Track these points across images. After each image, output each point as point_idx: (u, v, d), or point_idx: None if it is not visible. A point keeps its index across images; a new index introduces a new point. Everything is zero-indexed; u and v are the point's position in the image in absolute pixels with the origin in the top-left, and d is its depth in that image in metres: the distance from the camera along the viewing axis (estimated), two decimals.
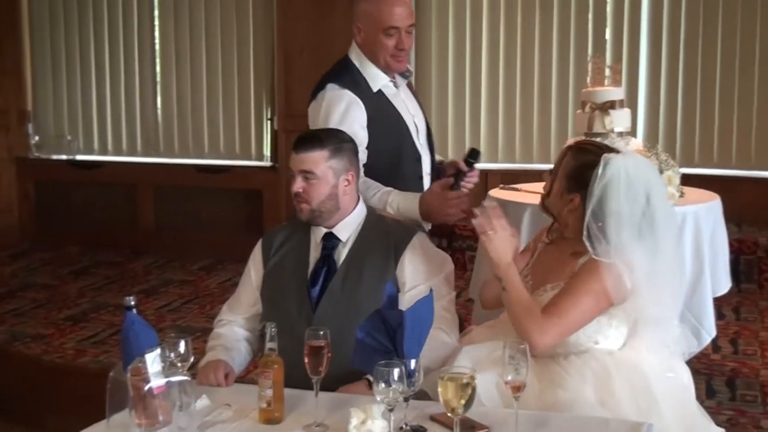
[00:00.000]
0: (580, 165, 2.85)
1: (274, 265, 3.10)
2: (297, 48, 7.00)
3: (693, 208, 4.26)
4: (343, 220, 3.05)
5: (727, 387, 4.46)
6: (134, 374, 2.39)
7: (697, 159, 6.76)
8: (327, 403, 2.59)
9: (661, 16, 6.79)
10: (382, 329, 2.50)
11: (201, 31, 7.60)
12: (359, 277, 2.99)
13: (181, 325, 5.43)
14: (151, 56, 7.82)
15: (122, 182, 7.84)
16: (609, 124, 4.53)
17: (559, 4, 6.95)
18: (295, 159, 2.99)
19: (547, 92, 7.02)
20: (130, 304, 2.57)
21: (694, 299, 4.18)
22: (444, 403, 2.33)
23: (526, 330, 2.74)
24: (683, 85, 6.78)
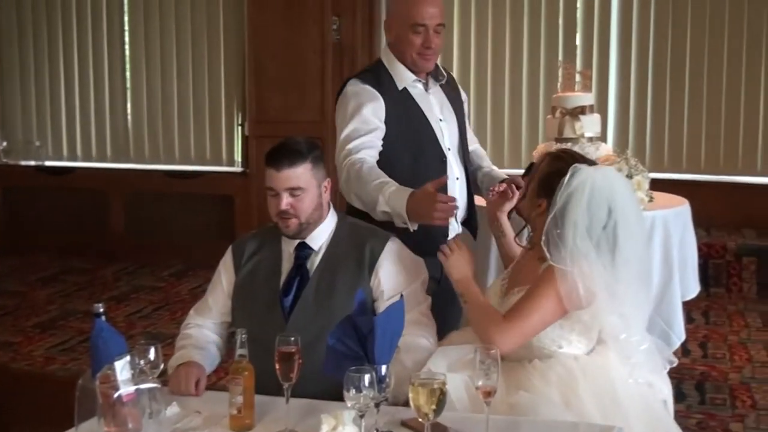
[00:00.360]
0: (551, 172, 2.88)
1: (246, 274, 3.08)
2: (268, 53, 6.99)
3: (662, 212, 4.29)
4: (317, 229, 3.03)
5: (696, 391, 4.50)
6: (103, 382, 2.37)
7: (667, 164, 6.81)
8: (298, 409, 2.58)
9: (630, 22, 6.84)
10: (353, 335, 2.49)
11: (171, 35, 7.58)
12: (332, 286, 2.97)
13: (152, 331, 5.41)
14: (121, 61, 7.79)
15: (92, 188, 7.79)
16: (579, 129, 4.55)
17: (529, 10, 6.99)
18: (279, 177, 2.91)
19: (517, 97, 7.06)
20: (98, 311, 2.55)
21: (664, 303, 4.21)
22: (415, 408, 2.33)
23: (487, 333, 2.78)
24: (652, 91, 6.83)
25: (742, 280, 6.16)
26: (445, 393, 2.33)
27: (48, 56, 7.93)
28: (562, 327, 2.82)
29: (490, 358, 2.41)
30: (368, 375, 2.31)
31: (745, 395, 4.45)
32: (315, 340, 2.70)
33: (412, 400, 2.32)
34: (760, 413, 4.24)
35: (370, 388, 2.31)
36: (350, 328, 2.50)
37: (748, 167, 6.74)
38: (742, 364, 4.88)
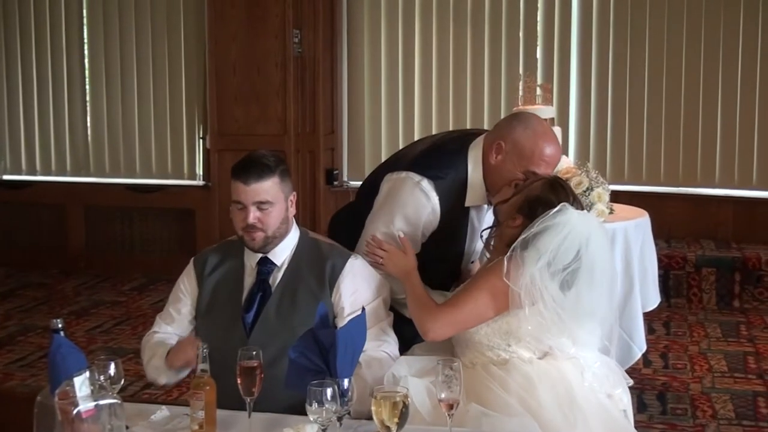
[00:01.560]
0: (540, 198, 2.91)
1: (209, 288, 3.06)
2: (229, 66, 6.97)
3: (622, 224, 4.33)
4: (280, 244, 3.02)
5: (658, 401, 4.53)
6: (62, 398, 2.34)
7: (627, 176, 6.87)
8: (260, 424, 2.57)
9: (590, 36, 6.91)
10: (314, 349, 2.49)
11: (132, 47, 7.54)
12: (294, 302, 2.96)
13: (113, 346, 5.35)
14: (80, 73, 7.73)
15: (51, 202, 7.72)
16: None
17: (490, 25, 7.03)
18: (246, 191, 2.89)
19: (479, 111, 7.09)
20: (57, 326, 2.52)
21: (625, 314, 4.25)
22: (378, 422, 2.33)
23: (420, 319, 2.92)
24: (612, 104, 6.90)
25: (702, 290, 6.22)
26: (408, 406, 2.33)
27: (6, 69, 7.86)
28: (509, 324, 2.86)
29: (452, 370, 2.41)
30: (330, 388, 2.30)
31: (705, 405, 4.48)
32: (277, 355, 2.70)
33: (375, 413, 2.32)
34: (720, 423, 4.28)
35: (333, 401, 2.31)
36: (312, 342, 2.50)
37: (706, 179, 6.81)
38: (703, 374, 4.92)
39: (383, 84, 7.27)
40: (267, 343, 2.79)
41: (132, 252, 7.52)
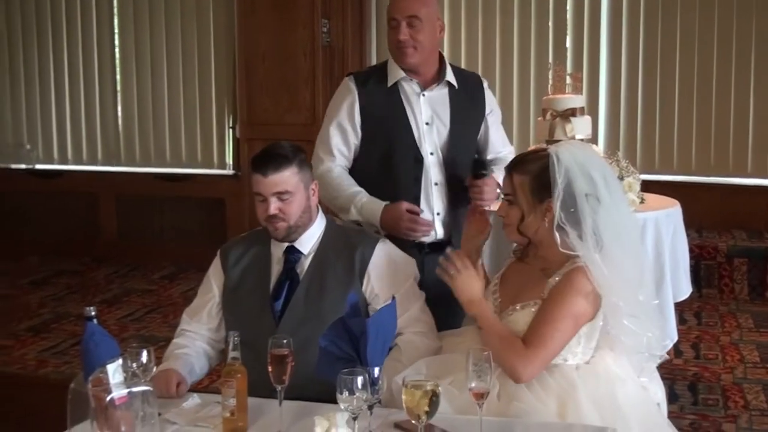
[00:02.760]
0: (537, 174, 2.80)
1: (236, 278, 3.08)
2: (258, 56, 6.99)
3: (653, 214, 4.30)
4: (305, 232, 3.03)
5: (689, 391, 4.51)
6: (95, 385, 2.36)
7: (657, 165, 6.82)
8: (291, 412, 2.58)
9: (620, 24, 6.86)
10: (345, 337, 2.50)
11: (162, 38, 7.57)
12: (322, 289, 2.98)
13: (144, 334, 5.40)
14: (111, 64, 7.78)
15: (83, 191, 7.78)
16: (570, 131, 4.55)
17: (519, 13, 7.00)
18: (265, 182, 2.92)
19: (508, 100, 7.06)
20: (90, 314, 2.54)
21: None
22: (408, 410, 2.33)
23: (511, 364, 2.69)
24: (643, 93, 6.85)
25: (733, 281, 6.18)
26: (439, 395, 2.33)
27: (38, 59, 7.92)
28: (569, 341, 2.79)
29: (483, 360, 2.41)
30: (361, 377, 2.31)
31: (737, 396, 4.46)
32: (306, 342, 2.70)
33: (405, 402, 2.33)
34: (752, 414, 4.25)
35: (363, 390, 2.31)
36: (342, 331, 2.51)
37: (738, 168, 6.75)
38: (735, 364, 4.89)
39: None
40: (296, 331, 2.80)
41: (162, 241, 7.57)
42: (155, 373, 2.68)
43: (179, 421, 2.61)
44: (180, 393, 2.80)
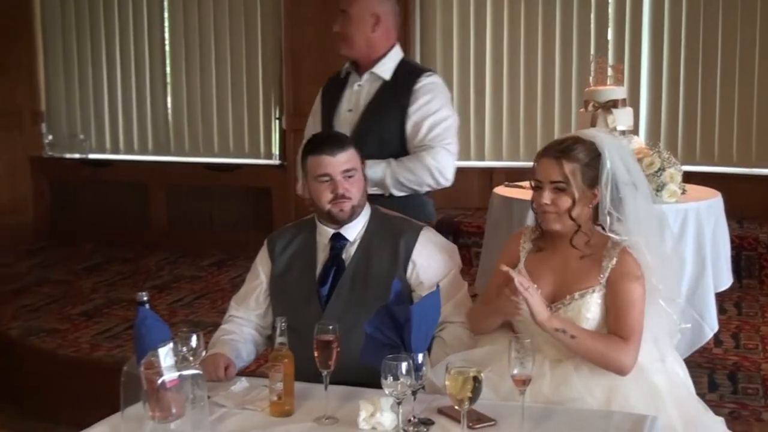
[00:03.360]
0: (587, 162, 2.78)
1: (283, 266, 3.10)
2: (304, 48, 7.00)
3: (695, 205, 4.25)
4: (353, 220, 3.04)
5: (729, 380, 4.45)
6: (147, 368, 2.39)
7: (699, 157, 6.75)
8: (336, 396, 2.60)
9: (662, 16, 6.78)
10: (389, 324, 2.50)
11: (210, 30, 7.61)
12: (367, 276, 2.99)
13: (193, 320, 5.43)
14: (161, 56, 7.83)
15: (134, 180, 7.85)
16: (612, 122, 4.52)
17: (561, 5, 6.94)
18: (334, 162, 2.94)
19: (550, 91, 7.02)
20: (142, 299, 2.57)
21: (697, 294, 4.18)
22: (451, 396, 2.33)
23: (616, 360, 2.70)
24: (684, 84, 6.78)
25: None
26: (481, 381, 2.33)
27: (91, 52, 8.00)
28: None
29: (524, 347, 2.41)
30: (405, 363, 2.32)
31: None
32: (351, 328, 2.71)
33: (449, 388, 2.33)
34: None
35: (408, 375, 2.32)
36: (387, 317, 2.51)
37: None
38: None
39: (455, 65, 7.23)
40: (341, 317, 2.82)
41: (211, 229, 7.62)
42: (204, 357, 2.71)
43: (228, 404, 2.63)
44: (228, 377, 2.83)
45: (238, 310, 3.14)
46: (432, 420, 2.48)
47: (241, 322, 3.11)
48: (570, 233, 2.81)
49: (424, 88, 3.63)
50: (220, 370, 2.81)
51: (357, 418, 2.45)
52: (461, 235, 6.28)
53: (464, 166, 7.19)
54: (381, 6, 3.64)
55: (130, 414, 2.46)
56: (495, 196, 4.58)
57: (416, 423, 2.44)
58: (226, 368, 2.84)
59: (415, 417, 2.45)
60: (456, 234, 6.29)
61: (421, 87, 3.62)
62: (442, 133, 3.60)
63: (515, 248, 2.96)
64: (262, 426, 2.50)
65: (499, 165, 7.06)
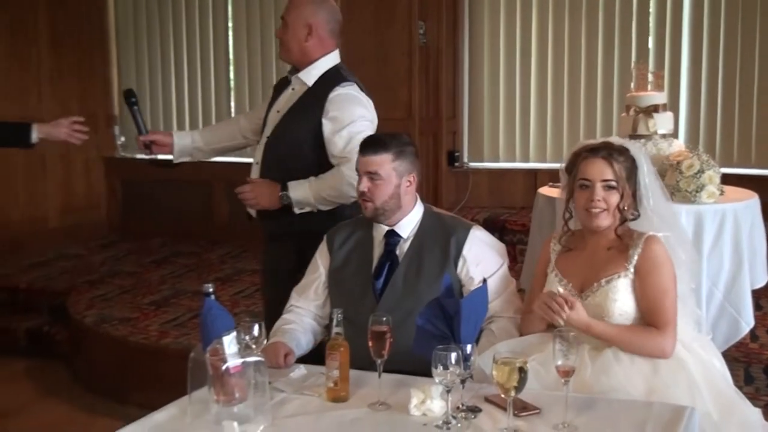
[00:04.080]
0: (629, 165, 2.87)
1: (340, 260, 3.11)
2: (360, 56, 6.99)
3: (732, 205, 4.19)
4: (404, 218, 3.05)
5: (764, 374, 4.37)
6: (213, 355, 2.41)
7: (736, 159, 6.64)
8: (389, 383, 2.60)
9: (701, 23, 6.69)
10: (440, 316, 2.50)
11: (270, 39, 7.64)
12: (419, 271, 2.99)
13: (254, 310, 5.46)
14: (225, 63, 7.89)
15: (198, 179, 7.89)
16: (652, 126, 4.47)
17: (604, 15, 6.88)
18: (362, 161, 2.99)
19: (592, 96, 6.96)
20: (208, 290, 2.59)
21: (734, 291, 4.13)
22: (497, 385, 2.33)
23: (653, 347, 2.73)
24: (722, 90, 6.67)
25: None
26: (527, 371, 2.32)
27: (160, 59, 8.09)
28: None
29: (567, 340, 2.39)
30: (455, 353, 2.31)
31: None
32: (403, 320, 2.72)
33: (495, 377, 2.32)
34: None
35: (457, 365, 2.32)
36: (438, 310, 2.51)
37: None
38: None
39: (502, 71, 7.19)
40: (395, 308, 2.83)
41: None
42: (266, 345, 2.72)
43: (287, 390, 2.65)
44: (288, 364, 2.84)
45: (299, 300, 3.16)
46: (479, 407, 2.47)
47: (301, 312, 3.13)
48: (606, 231, 2.86)
49: (337, 98, 3.48)
50: (281, 358, 2.83)
51: (408, 405, 2.45)
52: (506, 233, 6.24)
53: (510, 168, 7.21)
54: (314, 17, 3.56)
55: (197, 397, 2.48)
56: (540, 196, 4.54)
57: (464, 410, 2.43)
58: (286, 356, 2.85)
59: (464, 404, 2.44)
60: (501, 232, 6.25)
61: (335, 97, 3.48)
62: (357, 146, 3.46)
63: (547, 253, 3.03)
64: (319, 411, 2.51)
65: (543, 167, 7.00)
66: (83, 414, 4.75)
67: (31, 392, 5.10)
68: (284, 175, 3.49)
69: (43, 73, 7.30)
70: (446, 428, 2.36)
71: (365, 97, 3.58)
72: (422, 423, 2.39)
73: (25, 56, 7.06)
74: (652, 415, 2.41)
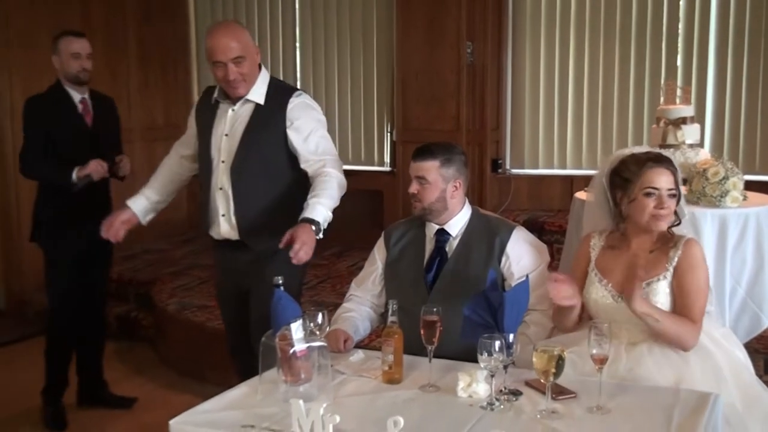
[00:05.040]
0: (676, 172, 2.85)
1: (396, 255, 3.12)
2: (413, 74, 7.01)
3: (755, 209, 4.10)
4: (453, 218, 3.05)
5: None
6: (281, 340, 2.43)
7: (758, 167, 6.49)
8: (438, 368, 2.60)
9: (726, 43, 6.55)
10: (485, 308, 2.49)
11: (334, 59, 7.68)
12: (467, 266, 2.99)
13: (317, 300, 5.48)
14: (292, 77, 7.91)
15: None
16: (681, 137, 4.40)
17: (636, 35, 6.78)
18: (413, 166, 3.02)
19: (624, 109, 6.86)
20: (278, 282, 2.61)
21: (756, 289, 4.04)
22: (537, 371, 2.31)
23: (688, 341, 2.69)
24: (746, 103, 6.53)
25: None
26: (564, 359, 2.30)
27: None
28: None
29: (601, 332, 2.37)
30: (499, 341, 2.31)
31: None
32: (452, 310, 2.71)
33: (535, 363, 2.31)
34: None
35: (500, 352, 2.31)
36: (483, 302, 2.50)
37: None
38: None
39: (541, 87, 7.13)
40: (444, 300, 2.82)
41: (331, 225, 7.63)
42: (328, 331, 2.74)
43: (347, 372, 2.66)
44: (347, 348, 2.85)
45: (357, 290, 3.18)
46: (520, 391, 2.46)
47: (360, 301, 3.14)
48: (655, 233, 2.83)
49: (296, 108, 3.34)
50: (340, 343, 2.84)
51: (456, 387, 2.45)
52: (545, 233, 6.17)
53: (548, 174, 7.15)
54: (252, 40, 3.37)
55: (267, 377, 2.51)
56: (576, 200, 4.49)
57: (506, 393, 2.43)
58: (345, 341, 2.87)
59: (506, 388, 2.44)
60: (540, 232, 6.19)
61: (294, 107, 3.34)
62: (328, 147, 3.39)
63: (586, 250, 2.96)
64: (375, 391, 2.52)
65: (579, 173, 6.93)
66: (166, 391, 4.81)
67: (121, 371, 5.17)
68: (265, 192, 3.35)
69: (132, 84, 7.40)
70: (490, 409, 2.35)
71: (312, 100, 3.47)
72: (468, 404, 2.39)
73: (117, 70, 7.16)
74: (679, 401, 2.38)
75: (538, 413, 2.32)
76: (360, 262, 3.27)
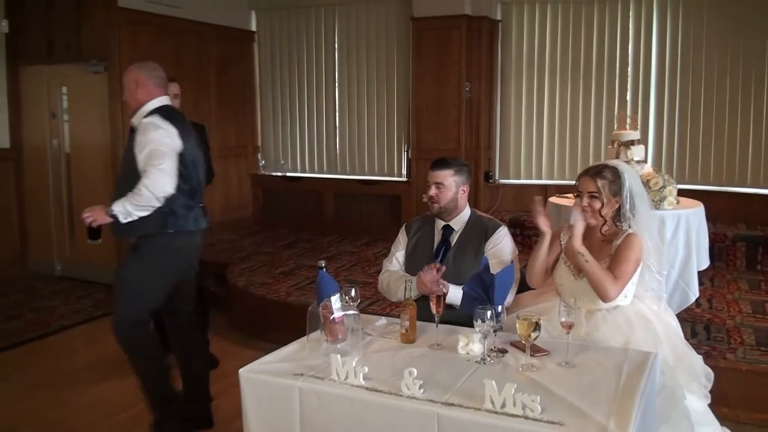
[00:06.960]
0: (612, 179, 2.79)
1: (413, 243, 3.11)
2: (424, 106, 6.99)
3: (685, 211, 4.08)
4: (457, 216, 3.04)
5: (704, 331, 4.24)
6: (324, 309, 2.43)
7: (687, 177, 6.46)
8: (443, 331, 2.59)
9: (664, 82, 6.52)
10: (480, 285, 2.48)
11: (364, 93, 7.65)
12: (465, 253, 2.98)
13: (351, 278, 5.47)
14: (332, 108, 7.91)
15: (314, 189, 7.96)
16: (630, 155, 4.37)
17: (595, 76, 6.75)
18: (432, 174, 3.00)
19: (587, 133, 6.83)
20: (321, 265, 2.61)
21: (685, 272, 4.02)
22: (519, 334, 2.30)
23: (608, 289, 2.65)
24: (679, 129, 6.49)
25: (736, 258, 5.77)
26: (540, 325, 2.29)
27: (289, 105, 8.15)
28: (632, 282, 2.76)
29: (569, 304, 2.36)
30: (490, 311, 2.29)
31: (736, 335, 4.15)
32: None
33: (518, 329, 2.29)
34: (746, 347, 3.96)
35: (491, 320, 2.29)
36: (478, 281, 2.49)
37: (742, 180, 6.32)
38: (735, 314, 4.56)
39: (523, 116, 7.10)
40: (448, 278, 2.81)
41: (361, 221, 7.66)
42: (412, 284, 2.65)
43: (373, 334, 2.65)
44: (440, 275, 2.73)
45: (389, 265, 3.14)
46: (506, 350, 2.45)
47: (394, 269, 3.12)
48: (598, 226, 2.81)
49: (141, 127, 3.10)
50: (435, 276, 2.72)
51: (456, 346, 2.44)
52: (525, 230, 6.15)
53: (528, 183, 7.12)
54: (140, 74, 3.19)
55: (312, 337, 2.51)
56: (549, 204, 4.47)
57: (496, 351, 2.41)
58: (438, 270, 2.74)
59: (495, 347, 2.42)
60: (522, 228, 6.17)
61: (140, 126, 3.11)
62: (151, 157, 3.03)
63: (557, 239, 2.96)
64: (395, 349, 2.51)
65: (552, 182, 6.90)
66: (235, 346, 4.82)
67: None
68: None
69: (212, 116, 7.43)
70: (483, 363, 2.34)
71: (166, 123, 3.09)
72: (466, 359, 2.38)
73: (200, 105, 7.19)
74: (627, 358, 2.36)
75: (520, 366, 2.31)
76: (383, 250, 3.27)
